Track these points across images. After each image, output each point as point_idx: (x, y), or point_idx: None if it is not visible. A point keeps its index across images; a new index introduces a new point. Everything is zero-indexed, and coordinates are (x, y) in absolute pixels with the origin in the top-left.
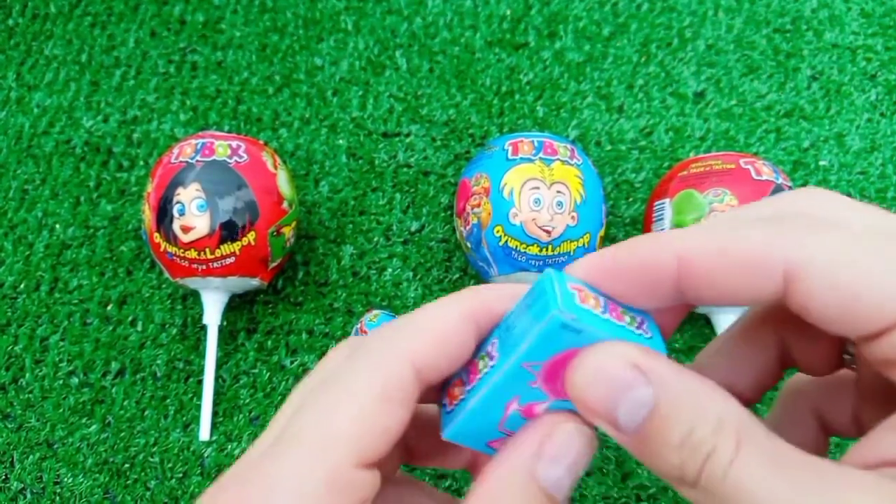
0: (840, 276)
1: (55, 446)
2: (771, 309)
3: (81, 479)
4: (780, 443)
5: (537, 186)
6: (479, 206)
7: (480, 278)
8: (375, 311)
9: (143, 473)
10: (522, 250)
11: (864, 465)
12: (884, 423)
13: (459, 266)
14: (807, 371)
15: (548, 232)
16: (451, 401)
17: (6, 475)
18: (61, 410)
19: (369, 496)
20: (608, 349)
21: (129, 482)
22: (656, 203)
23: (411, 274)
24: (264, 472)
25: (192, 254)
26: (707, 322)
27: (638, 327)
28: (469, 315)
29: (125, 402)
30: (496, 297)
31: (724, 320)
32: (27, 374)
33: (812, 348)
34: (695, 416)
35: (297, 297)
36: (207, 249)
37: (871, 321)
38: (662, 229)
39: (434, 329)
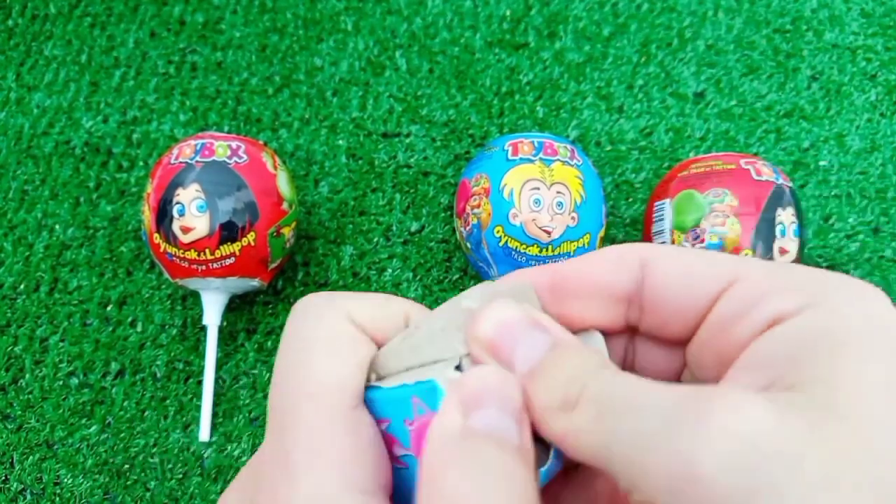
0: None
1: (55, 447)
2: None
3: (81, 480)
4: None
5: (537, 187)
6: (479, 206)
7: (480, 279)
8: None
9: (142, 474)
10: (522, 251)
11: None
12: (734, 367)
13: (459, 266)
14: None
15: (548, 232)
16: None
17: (6, 476)
18: (61, 411)
19: (374, 432)
20: (510, 303)
21: (128, 483)
22: (656, 203)
23: (411, 274)
24: (283, 474)
25: (192, 254)
26: None
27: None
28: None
29: (125, 403)
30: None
31: None
32: (27, 375)
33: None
34: (581, 356)
35: (297, 297)
36: (207, 250)
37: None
38: (662, 229)
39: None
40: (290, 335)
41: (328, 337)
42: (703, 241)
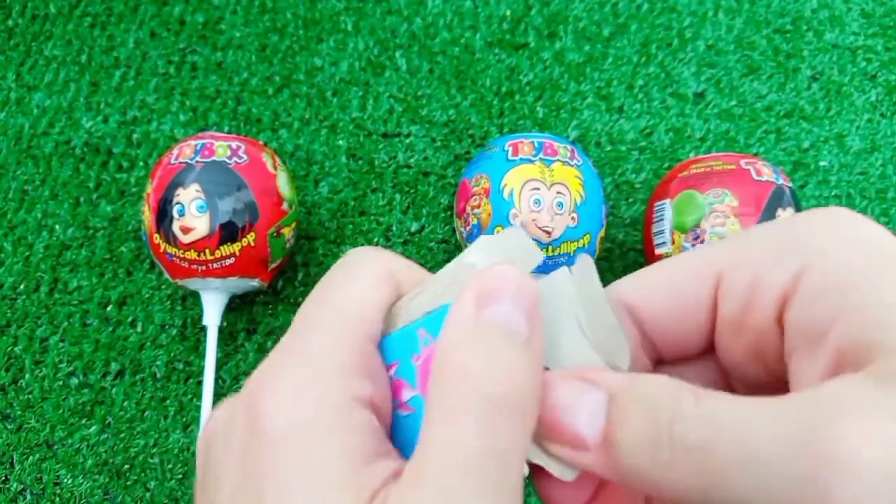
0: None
1: (55, 447)
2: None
3: (81, 480)
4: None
5: (537, 187)
6: (479, 206)
7: None
8: None
9: (142, 474)
10: None
11: None
12: (792, 357)
13: None
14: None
15: (548, 233)
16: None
17: (6, 476)
18: (61, 411)
19: (381, 371)
20: (550, 372)
21: (128, 483)
22: (657, 204)
23: None
24: (300, 355)
25: (192, 255)
26: None
27: None
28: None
29: (125, 403)
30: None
31: None
32: (27, 375)
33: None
34: (649, 392)
35: (297, 297)
36: (207, 250)
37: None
38: (663, 230)
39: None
40: (332, 269)
41: (365, 274)
42: (703, 241)
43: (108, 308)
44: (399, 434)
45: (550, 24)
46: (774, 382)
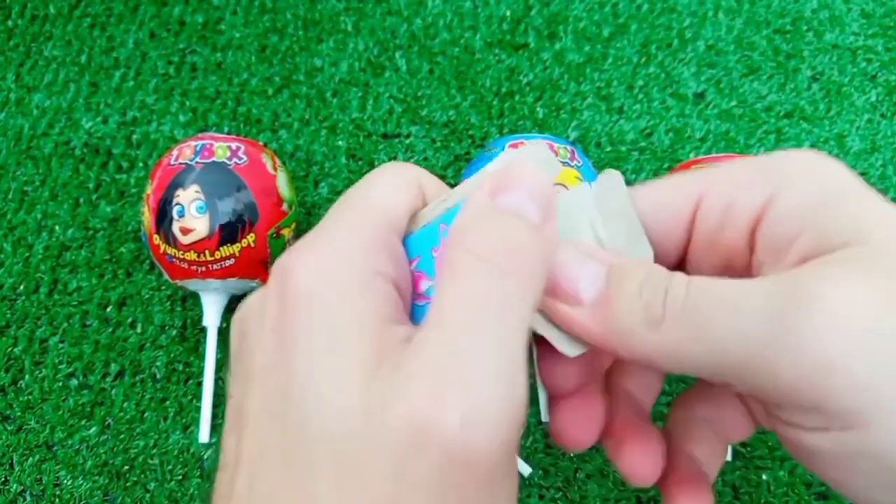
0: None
1: (55, 448)
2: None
3: (81, 482)
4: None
5: None
6: None
7: None
8: None
9: (142, 475)
10: None
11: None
12: (757, 265)
13: None
14: None
15: None
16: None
17: (6, 477)
18: (61, 412)
19: (404, 260)
20: (563, 248)
21: (128, 484)
22: None
23: None
24: (323, 237)
25: (192, 255)
26: None
27: None
28: None
29: (125, 404)
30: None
31: None
32: (26, 376)
33: None
34: (645, 269)
35: None
36: (207, 251)
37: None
38: None
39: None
40: (367, 175)
41: (392, 178)
42: None
43: (108, 309)
44: (417, 323)
45: (550, 25)
46: None
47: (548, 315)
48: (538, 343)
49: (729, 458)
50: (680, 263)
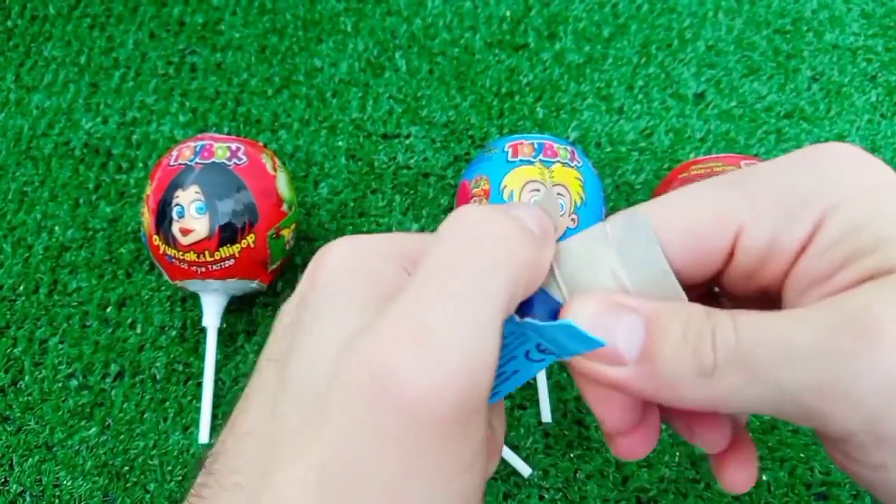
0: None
1: (54, 449)
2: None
3: (81, 482)
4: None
5: (537, 188)
6: None
7: None
8: None
9: (142, 476)
10: None
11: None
12: (791, 291)
13: None
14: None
15: None
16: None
17: (5, 478)
18: (60, 413)
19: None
20: (584, 296)
21: (128, 485)
22: None
23: None
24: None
25: (192, 256)
26: None
27: None
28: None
29: (124, 405)
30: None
31: None
32: (26, 377)
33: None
34: (685, 312)
35: None
36: (207, 252)
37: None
38: None
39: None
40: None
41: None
42: None
43: (108, 309)
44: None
45: (550, 25)
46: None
47: (584, 383)
48: (584, 390)
49: None
50: (709, 281)
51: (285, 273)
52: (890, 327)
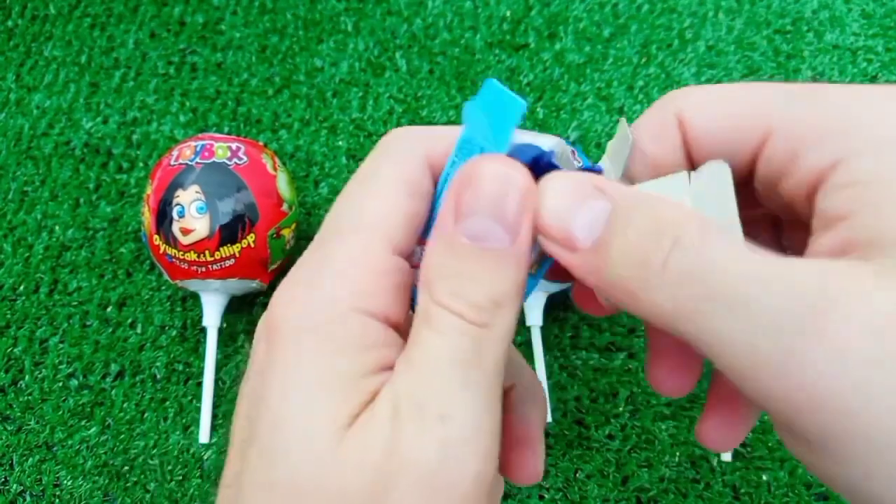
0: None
1: (54, 448)
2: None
3: (81, 482)
4: (742, 239)
5: None
6: None
7: None
8: None
9: (142, 476)
10: None
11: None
12: (813, 228)
13: None
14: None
15: None
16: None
17: (5, 478)
18: (61, 413)
19: (404, 281)
20: (567, 174)
21: (128, 485)
22: None
23: None
24: (316, 268)
25: (192, 256)
26: None
27: None
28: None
29: (125, 405)
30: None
31: None
32: (26, 377)
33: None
34: (652, 213)
35: None
36: (207, 252)
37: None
38: None
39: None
40: (363, 166)
41: (395, 171)
42: None
43: (108, 309)
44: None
45: (550, 25)
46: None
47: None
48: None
49: (729, 458)
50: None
51: (285, 273)
52: (842, 328)
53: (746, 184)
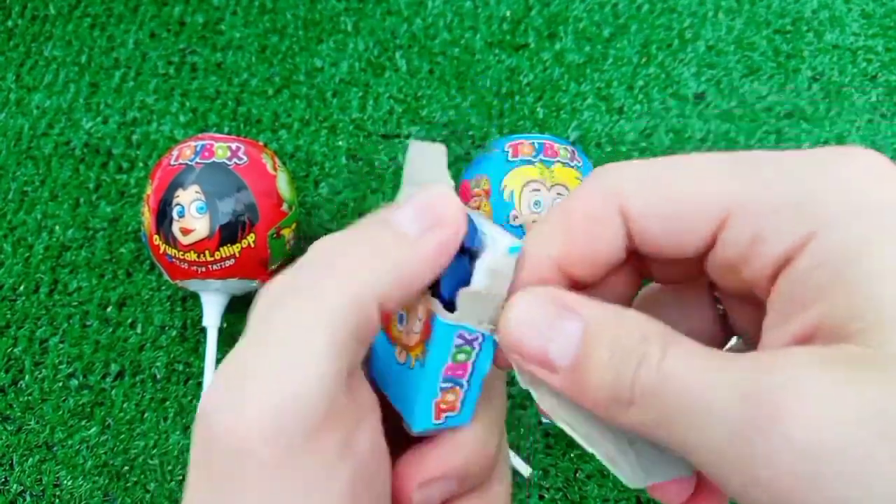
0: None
1: (55, 448)
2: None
3: (81, 482)
4: (703, 346)
5: (538, 188)
6: (479, 208)
7: None
8: None
9: (142, 476)
10: None
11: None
12: (770, 310)
13: None
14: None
15: None
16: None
17: (6, 478)
18: (61, 413)
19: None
20: (532, 292)
21: (128, 485)
22: None
23: None
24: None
25: (192, 256)
26: None
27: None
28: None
29: (125, 405)
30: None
31: None
32: (27, 377)
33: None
34: (620, 331)
35: None
36: (207, 252)
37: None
38: None
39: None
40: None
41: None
42: None
43: (108, 309)
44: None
45: (550, 25)
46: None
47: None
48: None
49: None
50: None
51: None
52: (798, 426)
53: (699, 264)
